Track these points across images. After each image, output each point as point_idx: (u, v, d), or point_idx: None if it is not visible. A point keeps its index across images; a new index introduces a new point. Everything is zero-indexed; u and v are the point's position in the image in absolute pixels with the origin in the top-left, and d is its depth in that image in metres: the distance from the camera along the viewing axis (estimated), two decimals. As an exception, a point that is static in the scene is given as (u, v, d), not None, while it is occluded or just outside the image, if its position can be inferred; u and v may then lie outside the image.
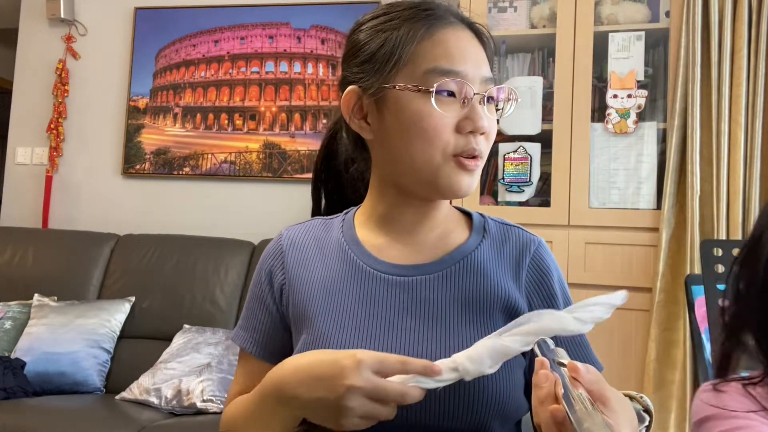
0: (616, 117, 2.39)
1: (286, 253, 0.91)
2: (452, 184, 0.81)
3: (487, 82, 0.82)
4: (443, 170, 0.80)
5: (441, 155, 0.80)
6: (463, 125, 0.80)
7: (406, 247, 0.87)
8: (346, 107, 0.86)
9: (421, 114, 0.79)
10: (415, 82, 0.80)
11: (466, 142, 0.80)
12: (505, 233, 0.89)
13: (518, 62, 2.61)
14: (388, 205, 0.88)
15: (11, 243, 3.01)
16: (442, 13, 0.84)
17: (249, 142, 3.20)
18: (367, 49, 0.84)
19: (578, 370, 0.62)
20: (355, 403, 0.67)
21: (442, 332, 0.80)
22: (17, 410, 2.22)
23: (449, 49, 0.81)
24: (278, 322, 0.89)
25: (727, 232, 2.21)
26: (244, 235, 2.97)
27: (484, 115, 0.81)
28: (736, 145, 2.22)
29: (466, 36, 0.83)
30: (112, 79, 3.40)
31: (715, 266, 1.58)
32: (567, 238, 2.36)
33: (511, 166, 2.48)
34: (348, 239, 0.89)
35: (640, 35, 2.40)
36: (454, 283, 0.84)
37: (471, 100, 0.80)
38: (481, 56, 0.84)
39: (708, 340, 1.58)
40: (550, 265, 0.88)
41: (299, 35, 3.18)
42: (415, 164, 0.81)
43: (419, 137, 0.80)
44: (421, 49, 0.81)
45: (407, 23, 0.82)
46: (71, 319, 2.64)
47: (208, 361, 2.41)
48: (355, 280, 0.85)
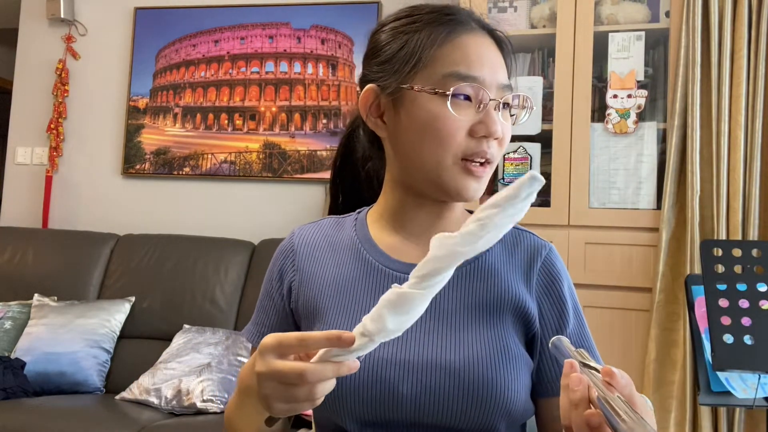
0: (616, 117, 2.39)
1: (297, 251, 0.92)
2: (459, 188, 0.82)
3: (504, 89, 0.83)
4: (451, 173, 0.82)
5: (451, 158, 0.81)
6: (477, 129, 0.81)
7: (418, 247, 0.87)
8: (363, 105, 0.88)
9: (436, 116, 0.81)
10: (433, 85, 0.81)
11: (478, 145, 0.81)
12: (517, 237, 0.90)
13: (518, 62, 2.61)
14: (400, 205, 0.89)
15: (11, 243, 3.01)
16: (464, 18, 0.85)
17: (249, 142, 3.20)
18: (387, 49, 0.85)
19: (614, 375, 0.60)
20: (268, 390, 0.65)
21: (453, 334, 0.81)
22: (17, 410, 2.22)
23: (468, 54, 0.82)
24: (284, 320, 0.90)
25: (727, 232, 2.21)
26: (244, 235, 2.97)
27: (498, 121, 0.82)
28: (736, 145, 2.22)
29: (486, 42, 0.85)
30: (112, 79, 3.40)
31: (715, 266, 1.58)
32: (567, 238, 2.36)
33: (511, 166, 2.48)
34: (361, 237, 0.90)
35: (640, 35, 2.40)
36: (466, 285, 0.85)
37: (486, 106, 0.81)
38: (499, 63, 0.85)
39: (708, 340, 1.58)
40: (560, 271, 0.88)
41: (299, 35, 3.18)
42: (424, 165, 0.82)
43: (432, 138, 0.81)
44: (440, 52, 0.82)
45: (429, 27, 0.83)
46: (71, 319, 2.64)
47: (208, 361, 2.41)
48: (368, 278, 0.86)
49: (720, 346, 1.52)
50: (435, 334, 0.81)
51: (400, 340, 0.79)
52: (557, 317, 0.85)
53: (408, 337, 0.80)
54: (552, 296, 0.86)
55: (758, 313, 1.53)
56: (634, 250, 2.32)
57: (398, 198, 0.89)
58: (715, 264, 1.58)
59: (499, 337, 0.81)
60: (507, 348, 0.81)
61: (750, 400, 1.61)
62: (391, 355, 0.80)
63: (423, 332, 0.81)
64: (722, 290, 1.55)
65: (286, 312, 0.90)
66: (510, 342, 0.82)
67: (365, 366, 0.79)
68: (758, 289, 1.54)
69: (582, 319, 0.88)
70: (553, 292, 0.86)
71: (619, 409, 0.54)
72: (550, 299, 0.86)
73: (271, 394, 0.65)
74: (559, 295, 0.86)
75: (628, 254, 2.33)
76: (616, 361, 2.24)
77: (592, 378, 0.60)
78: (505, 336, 0.82)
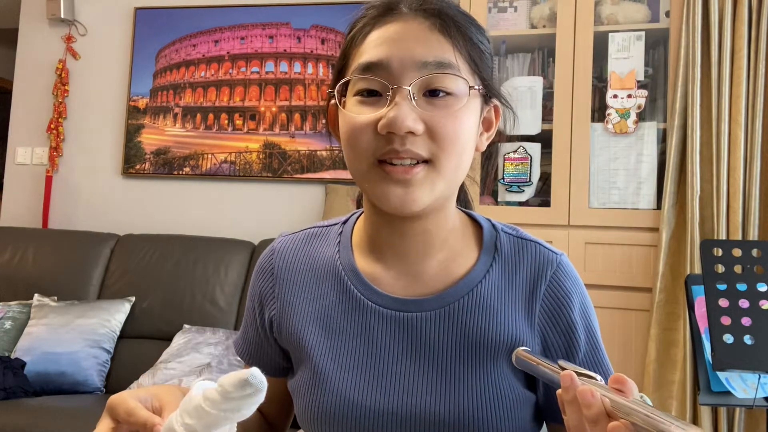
0: (616, 117, 2.39)
1: (277, 275, 0.84)
2: (380, 195, 0.71)
3: (426, 67, 0.69)
4: (370, 180, 0.71)
5: (366, 163, 0.71)
6: (379, 125, 0.69)
7: (403, 277, 0.78)
8: (329, 119, 0.82)
9: (346, 118, 0.72)
10: (345, 87, 0.74)
11: (387, 143, 0.69)
12: (520, 252, 0.79)
13: (518, 62, 2.61)
14: (372, 226, 0.79)
15: (11, 243, 3.01)
16: (394, 5, 0.74)
17: (249, 142, 3.20)
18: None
19: (626, 382, 0.55)
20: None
21: (443, 377, 0.74)
22: (17, 410, 2.22)
23: (379, 41, 0.71)
24: (267, 346, 0.87)
25: (727, 232, 2.21)
26: (244, 235, 2.97)
27: (407, 109, 0.68)
28: (736, 145, 2.22)
29: (413, 24, 0.71)
30: (112, 79, 3.40)
31: (715, 266, 1.58)
32: (567, 238, 2.36)
33: (511, 166, 2.48)
34: (345, 263, 0.81)
35: (640, 35, 2.40)
36: (457, 322, 0.75)
37: (389, 94, 0.69)
38: (422, 39, 0.70)
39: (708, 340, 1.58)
40: (569, 292, 0.77)
41: (299, 35, 3.18)
42: (354, 176, 0.74)
43: (347, 145, 0.72)
44: (360, 49, 0.74)
45: (360, 22, 0.76)
46: (71, 319, 2.64)
47: (208, 361, 2.41)
48: (352, 314, 0.78)
49: (720, 346, 1.52)
50: (422, 379, 0.74)
51: (385, 384, 0.74)
52: (565, 346, 0.76)
53: (398, 380, 0.74)
54: (559, 325, 0.76)
55: (758, 313, 1.53)
56: (634, 250, 2.32)
57: (369, 216, 0.80)
58: (715, 264, 1.58)
59: (492, 383, 0.73)
60: (501, 395, 0.73)
61: (750, 400, 1.61)
62: (376, 403, 0.74)
63: (413, 375, 0.74)
64: (722, 290, 1.55)
65: (270, 340, 0.86)
66: (504, 387, 0.74)
67: (348, 413, 0.74)
68: (758, 289, 1.54)
69: (596, 340, 0.78)
70: (560, 320, 0.76)
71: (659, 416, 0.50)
72: (557, 328, 0.76)
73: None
74: (567, 323, 0.76)
75: (628, 254, 2.33)
76: (616, 361, 2.25)
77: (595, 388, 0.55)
78: (499, 381, 0.74)
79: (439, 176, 0.70)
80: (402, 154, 0.68)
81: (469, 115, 0.72)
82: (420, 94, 0.70)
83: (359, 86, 0.72)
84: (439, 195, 0.72)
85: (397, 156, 0.69)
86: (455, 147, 0.70)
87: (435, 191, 0.71)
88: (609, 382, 0.56)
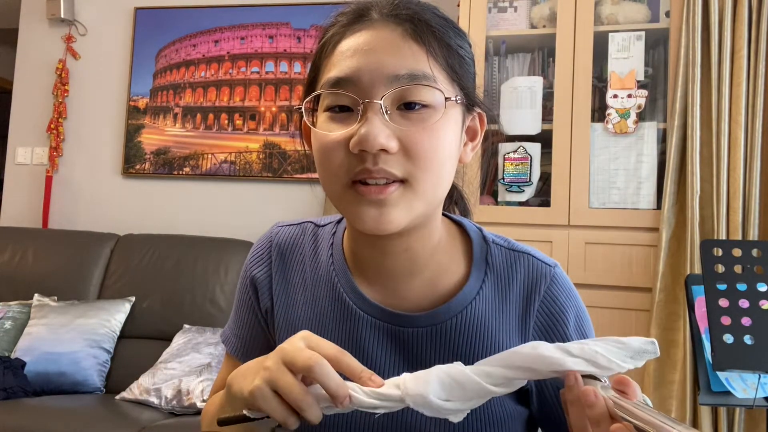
0: (616, 117, 2.39)
1: (273, 271, 0.81)
2: (355, 217, 0.67)
3: (399, 80, 0.64)
4: (344, 201, 0.67)
5: (340, 184, 0.67)
6: (351, 142, 0.64)
7: (391, 294, 0.75)
8: (303, 135, 0.78)
9: (317, 136, 0.68)
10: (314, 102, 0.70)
11: (359, 162, 0.65)
12: (513, 266, 0.76)
13: (518, 62, 2.61)
14: (355, 242, 0.76)
15: (11, 243, 3.01)
16: (364, 12, 0.69)
17: (249, 142, 3.20)
18: None
19: (629, 384, 0.55)
20: (268, 362, 0.60)
21: None
22: (17, 410, 2.22)
23: (349, 53, 0.67)
24: (263, 337, 0.84)
25: (727, 232, 2.21)
26: (244, 235, 2.97)
27: (376, 125, 0.63)
28: (736, 145, 2.22)
29: (385, 33, 0.67)
30: (112, 79, 3.40)
31: (715, 266, 1.58)
32: (567, 238, 2.36)
33: (511, 166, 2.48)
34: (338, 269, 0.78)
35: (640, 35, 2.40)
36: (449, 340, 0.73)
37: (360, 110, 0.65)
38: (394, 49, 0.65)
39: (708, 339, 1.58)
40: (564, 306, 0.75)
41: (299, 35, 3.18)
42: (328, 196, 0.70)
43: (319, 164, 0.69)
44: (330, 60, 0.69)
45: (330, 30, 0.72)
46: (71, 319, 2.64)
47: (208, 361, 2.41)
48: (345, 323, 0.76)
49: (720, 346, 1.52)
50: None
51: None
52: None
53: None
54: (553, 340, 0.74)
55: (758, 313, 1.53)
56: (634, 250, 2.32)
57: (351, 232, 0.77)
58: (715, 264, 1.58)
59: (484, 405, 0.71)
60: (491, 412, 0.73)
61: (750, 400, 1.61)
62: (366, 416, 0.73)
63: None
64: (722, 290, 1.55)
65: (265, 332, 0.83)
66: (495, 404, 0.73)
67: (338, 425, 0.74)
68: (758, 289, 1.54)
69: None
70: (554, 336, 0.74)
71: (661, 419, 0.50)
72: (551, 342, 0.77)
73: (263, 372, 0.59)
74: (562, 339, 0.74)
75: (628, 254, 2.33)
76: (616, 361, 2.24)
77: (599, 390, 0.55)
78: (491, 402, 0.70)
79: (416, 196, 0.66)
80: (375, 174, 0.64)
81: (448, 127, 0.67)
82: (394, 107, 0.66)
83: (329, 102, 0.68)
84: (417, 215, 0.67)
85: (370, 175, 0.64)
86: (432, 165, 0.65)
87: (412, 212, 0.66)
88: (612, 384, 0.56)
